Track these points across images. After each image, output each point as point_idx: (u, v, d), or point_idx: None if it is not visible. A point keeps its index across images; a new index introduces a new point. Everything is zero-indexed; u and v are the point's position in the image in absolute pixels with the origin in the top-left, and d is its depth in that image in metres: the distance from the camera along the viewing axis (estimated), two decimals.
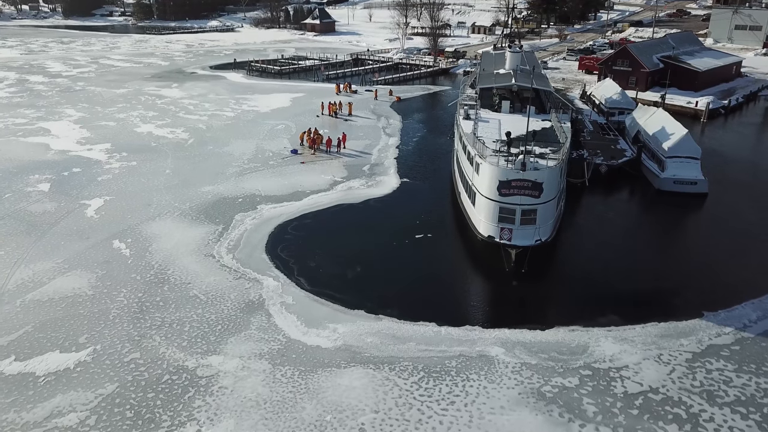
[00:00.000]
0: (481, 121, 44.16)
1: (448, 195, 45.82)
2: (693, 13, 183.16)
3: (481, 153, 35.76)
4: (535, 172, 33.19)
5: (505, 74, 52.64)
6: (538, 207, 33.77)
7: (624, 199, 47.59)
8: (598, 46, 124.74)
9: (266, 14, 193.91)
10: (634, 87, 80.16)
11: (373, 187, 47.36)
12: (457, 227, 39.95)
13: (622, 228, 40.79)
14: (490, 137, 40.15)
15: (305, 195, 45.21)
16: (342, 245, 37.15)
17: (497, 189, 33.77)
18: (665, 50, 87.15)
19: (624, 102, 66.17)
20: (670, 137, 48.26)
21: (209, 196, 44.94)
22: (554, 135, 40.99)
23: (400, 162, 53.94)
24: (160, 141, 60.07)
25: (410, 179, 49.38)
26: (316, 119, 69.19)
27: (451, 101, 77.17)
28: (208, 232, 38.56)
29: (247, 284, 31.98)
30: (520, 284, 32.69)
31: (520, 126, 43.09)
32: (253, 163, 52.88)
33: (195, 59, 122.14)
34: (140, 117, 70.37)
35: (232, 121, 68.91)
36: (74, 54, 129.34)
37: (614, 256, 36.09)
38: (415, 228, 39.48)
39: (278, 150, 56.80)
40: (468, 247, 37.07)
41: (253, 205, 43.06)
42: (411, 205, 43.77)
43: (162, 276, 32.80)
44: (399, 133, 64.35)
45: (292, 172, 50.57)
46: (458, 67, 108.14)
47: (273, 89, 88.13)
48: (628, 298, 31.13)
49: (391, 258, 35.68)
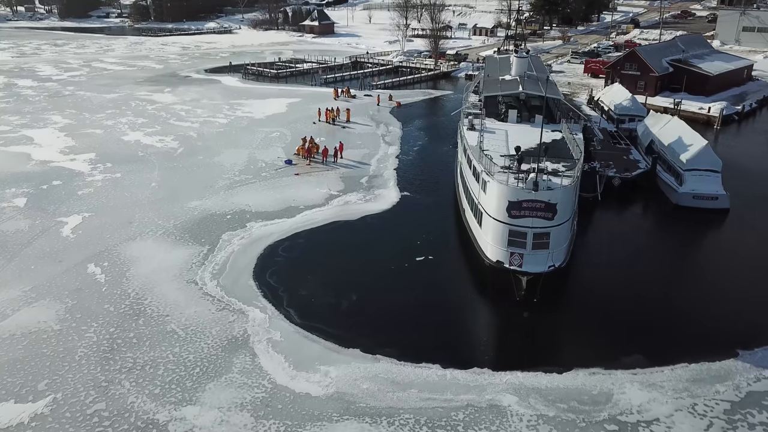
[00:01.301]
0: (486, 132, 41.11)
1: (452, 211, 42.80)
2: (698, 14, 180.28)
3: (489, 169, 32.75)
4: (548, 192, 30.17)
5: (511, 81, 49.62)
6: (552, 230, 30.76)
7: (640, 216, 44.58)
8: (602, 48, 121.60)
9: (264, 16, 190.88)
10: (642, 92, 77.09)
11: (371, 202, 44.38)
12: (461, 249, 36.91)
13: (639, 249, 37.74)
14: (497, 151, 37.11)
15: (298, 211, 42.23)
16: (336, 269, 34.15)
17: (506, 210, 30.77)
18: (675, 53, 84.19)
19: (635, 108, 63.23)
20: (688, 148, 45.25)
21: (196, 212, 41.94)
22: (566, 148, 37.96)
23: (400, 173, 50.95)
24: (148, 150, 57.08)
25: (411, 193, 46.39)
26: (313, 126, 66.25)
27: (454, 109, 74.08)
28: (192, 254, 35.56)
29: (231, 317, 28.98)
30: (532, 316, 29.71)
31: (529, 137, 40.12)
32: (245, 175, 49.89)
33: (190, 62, 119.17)
34: (129, 124, 67.38)
35: (225, 128, 65.93)
36: (67, 57, 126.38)
37: (633, 283, 33.05)
38: (415, 249, 36.48)
39: (272, 160, 53.82)
40: (474, 272, 34.01)
41: (242, 223, 40.07)
42: (411, 223, 40.76)
43: (138, 307, 29.78)
44: (399, 141, 61.39)
45: (285, 185, 47.58)
46: (460, 71, 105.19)
47: (269, 94, 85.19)
48: (653, 333, 28.13)
49: (389, 285, 32.66)
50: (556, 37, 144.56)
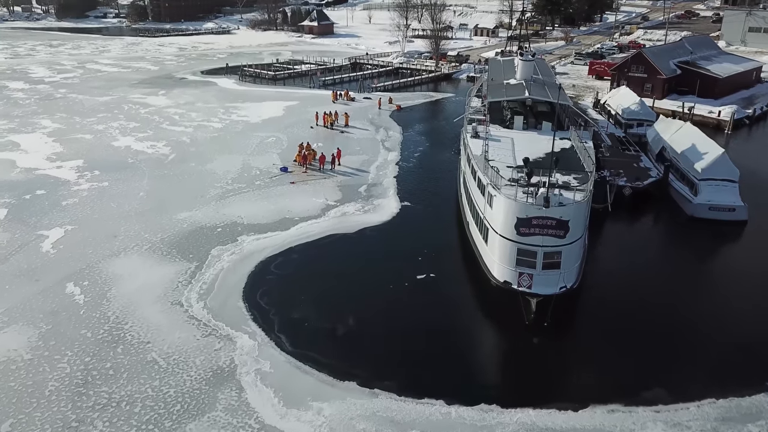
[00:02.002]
0: (491, 140, 38.95)
1: (455, 223, 40.61)
2: (701, 15, 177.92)
3: (495, 182, 30.56)
4: (559, 208, 27.99)
5: (516, 85, 47.41)
6: (563, 249, 28.59)
7: (653, 228, 42.40)
8: (606, 49, 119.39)
9: (263, 16, 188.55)
10: (649, 94, 74.91)
11: (370, 213, 42.21)
12: (465, 266, 34.71)
13: (655, 265, 35.55)
14: (503, 161, 34.96)
15: (293, 223, 40.06)
16: (332, 289, 31.97)
17: (515, 227, 28.60)
18: (682, 55, 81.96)
19: (643, 113, 61.00)
20: (703, 157, 43.05)
21: (185, 224, 39.76)
22: (576, 158, 35.78)
23: (401, 181, 48.76)
24: (138, 157, 54.90)
25: (411, 203, 44.19)
26: (310, 131, 64.13)
27: (456, 113, 71.86)
28: (179, 271, 33.38)
29: (217, 343, 26.81)
30: (542, 342, 27.55)
31: (536, 146, 38.00)
32: (238, 184, 47.70)
33: (186, 64, 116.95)
34: (120, 129, 65.19)
35: (219, 133, 63.74)
36: (61, 58, 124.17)
37: (650, 303, 30.82)
38: (416, 266, 34.29)
39: (266, 167, 51.63)
40: (479, 293, 31.80)
41: (233, 237, 37.89)
42: (412, 236, 38.56)
43: (117, 332, 27.61)
44: (399, 147, 59.20)
45: (280, 194, 45.42)
46: (461, 72, 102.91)
47: (265, 96, 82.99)
48: (674, 362, 25.95)
49: (389, 307, 30.45)
50: (558, 38, 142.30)
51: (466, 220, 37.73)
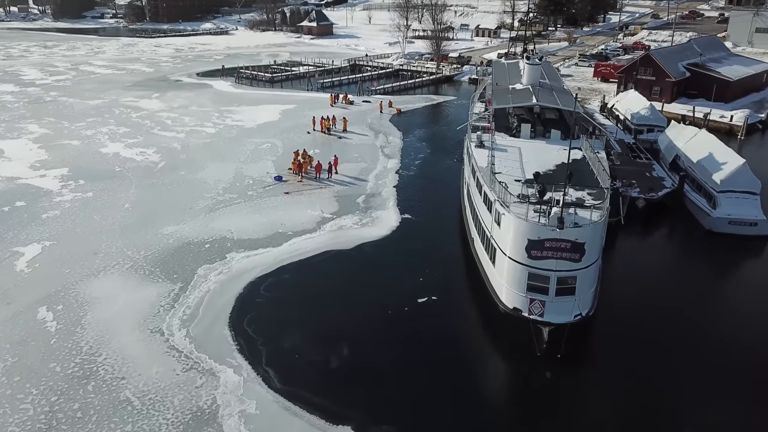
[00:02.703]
0: (497, 149, 36.52)
1: (459, 239, 38.15)
2: (706, 15, 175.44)
3: (503, 199, 28.12)
4: (575, 229, 25.54)
5: (522, 91, 44.97)
6: (579, 273, 26.17)
7: (670, 243, 39.95)
8: (610, 50, 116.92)
9: (262, 16, 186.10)
10: (658, 98, 72.43)
11: (368, 227, 39.78)
12: (470, 289, 32.26)
13: (674, 285, 33.06)
14: (510, 174, 32.53)
15: (286, 238, 37.62)
16: (326, 314, 29.53)
17: (525, 250, 26.17)
18: (691, 57, 79.53)
19: (654, 118, 58.55)
20: (722, 167, 40.60)
21: (171, 240, 37.32)
22: (589, 171, 33.34)
23: (401, 192, 46.33)
24: (126, 165, 52.44)
25: (412, 215, 41.76)
26: (307, 136, 61.78)
27: (458, 117, 69.62)
28: (162, 293, 30.94)
29: (199, 379, 24.37)
30: (555, 376, 25.12)
31: (546, 156, 35.59)
32: (229, 194, 45.27)
33: (182, 65, 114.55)
34: (109, 134, 62.76)
35: (212, 138, 61.31)
36: (55, 59, 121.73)
37: (671, 329, 28.40)
38: (417, 287, 31.86)
39: (260, 176, 49.19)
40: (486, 320, 29.32)
41: (221, 254, 35.45)
42: (413, 254, 36.07)
43: (90, 366, 25.17)
44: (399, 153, 56.77)
45: (273, 206, 43.00)
46: (463, 74, 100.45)
47: (262, 100, 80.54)
48: (700, 397, 23.53)
49: (387, 336, 27.95)
50: (561, 39, 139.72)
51: (470, 236, 35.28)
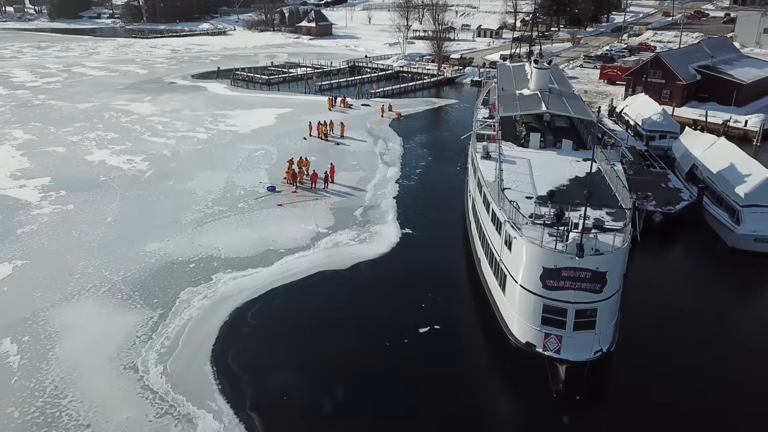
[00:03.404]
0: (505, 161, 33.81)
1: (463, 258, 35.45)
2: (711, 15, 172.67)
3: (514, 220, 25.43)
4: (596, 257, 22.85)
5: (531, 97, 42.25)
6: (600, 305, 23.49)
7: (691, 263, 37.15)
8: (616, 51, 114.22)
9: (260, 17, 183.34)
10: (668, 101, 69.71)
11: (366, 243, 37.11)
12: (477, 317, 29.58)
13: (699, 310, 30.35)
14: (520, 189, 29.86)
15: (278, 256, 34.97)
16: (318, 347, 26.84)
17: (540, 279, 23.48)
18: (701, 59, 76.78)
19: (666, 124, 55.84)
20: (745, 179, 37.90)
21: (153, 258, 34.64)
22: (606, 187, 30.61)
23: (401, 203, 43.67)
24: (112, 173, 49.76)
25: (413, 230, 39.09)
26: (303, 143, 59.11)
27: (461, 126, 66.86)
28: (139, 322, 28.27)
29: (174, 427, 21.69)
30: (573, 420, 22.44)
31: (558, 169, 32.93)
32: (219, 206, 42.60)
33: (177, 67, 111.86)
34: (97, 140, 60.07)
35: (204, 145, 58.63)
36: (47, 61, 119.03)
37: (702, 364, 25.74)
38: (419, 314, 29.18)
39: (252, 186, 46.53)
40: (495, 355, 26.62)
41: (207, 275, 32.78)
42: (414, 274, 33.37)
43: (52, 411, 22.49)
44: (399, 161, 54.10)
45: (265, 220, 40.35)
46: (465, 76, 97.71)
47: (257, 103, 77.87)
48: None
49: (385, 372, 25.25)
50: (564, 39, 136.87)
51: (477, 257, 32.57)
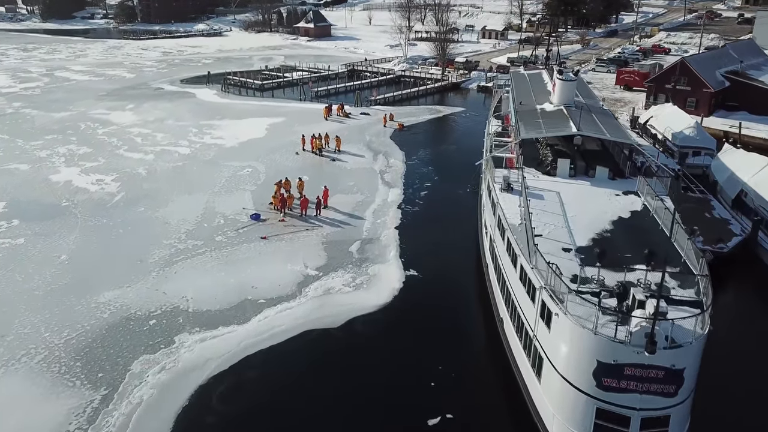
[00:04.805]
0: (531, 196, 27.85)
1: (480, 314, 29.50)
2: (724, 15, 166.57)
3: (554, 289, 19.47)
4: (671, 352, 16.89)
5: (555, 114, 36.25)
6: (673, 411, 17.57)
7: (752, 313, 31.08)
8: (629, 54, 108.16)
9: (257, 17, 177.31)
10: (694, 111, 63.71)
11: (363, 290, 31.21)
12: (502, 401, 23.60)
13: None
14: (554, 236, 23.95)
15: (256, 309, 29.11)
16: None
17: (594, 375, 17.56)
18: (728, 64, 70.78)
19: (701, 139, 49.81)
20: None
21: (106, 313, 28.74)
22: (660, 234, 24.57)
23: (404, 235, 37.78)
24: (76, 198, 43.89)
25: (418, 271, 33.16)
26: (295, 158, 53.33)
27: (469, 135, 61.10)
28: (74, 408, 22.38)
29: None
30: None
31: (595, 206, 27.07)
32: (193, 240, 36.71)
33: (167, 70, 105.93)
34: (67, 156, 54.19)
35: (185, 161, 52.70)
36: (31, 64, 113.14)
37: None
38: (427, 396, 23.28)
39: (234, 213, 40.66)
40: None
41: (168, 336, 26.91)
42: (421, 338, 27.40)
43: None
44: (402, 180, 48.17)
45: (245, 258, 34.47)
46: (471, 81, 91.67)
47: (248, 112, 71.93)
48: None
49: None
50: (573, 41, 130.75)
51: (499, 317, 26.59)
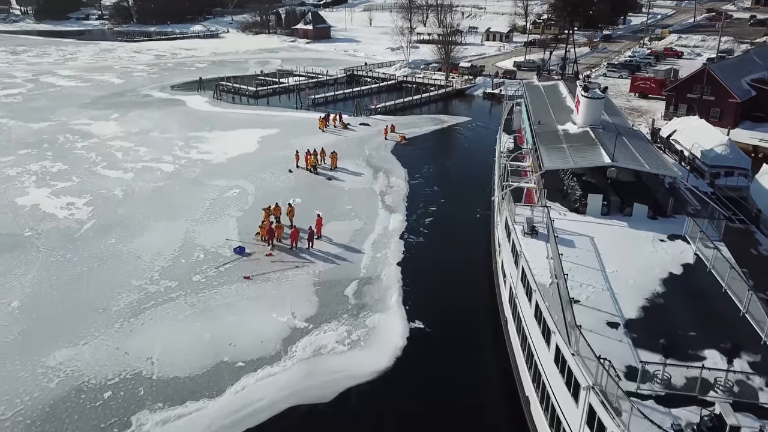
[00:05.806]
0: (561, 243, 23.18)
1: (501, 387, 24.85)
2: (734, 16, 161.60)
3: (606, 391, 14.84)
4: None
5: (582, 138, 31.50)
6: None
7: None
8: (640, 57, 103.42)
9: (255, 18, 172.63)
10: (718, 122, 59.07)
11: (360, 349, 26.62)
12: None
13: None
14: (595, 304, 19.32)
15: (234, 375, 24.51)
16: None
17: None
18: (753, 71, 66.24)
19: (735, 157, 44.99)
20: None
21: (53, 382, 24.13)
22: (723, 298, 19.95)
23: (408, 274, 33.11)
24: (42, 226, 39.30)
25: (425, 323, 28.53)
26: (288, 177, 48.78)
27: (476, 146, 56.57)
28: None
29: None
30: None
31: (637, 257, 22.48)
32: (167, 281, 32.08)
33: (158, 75, 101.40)
34: (38, 174, 49.58)
35: (167, 181, 48.07)
36: (16, 69, 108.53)
37: None
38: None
39: (216, 245, 36.05)
40: None
41: (125, 415, 22.30)
42: (429, 414, 22.80)
43: None
44: (404, 203, 43.59)
45: (224, 304, 29.84)
46: (476, 87, 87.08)
47: (239, 122, 67.32)
48: None
49: None
50: (581, 44, 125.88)
51: (524, 396, 21.85)
